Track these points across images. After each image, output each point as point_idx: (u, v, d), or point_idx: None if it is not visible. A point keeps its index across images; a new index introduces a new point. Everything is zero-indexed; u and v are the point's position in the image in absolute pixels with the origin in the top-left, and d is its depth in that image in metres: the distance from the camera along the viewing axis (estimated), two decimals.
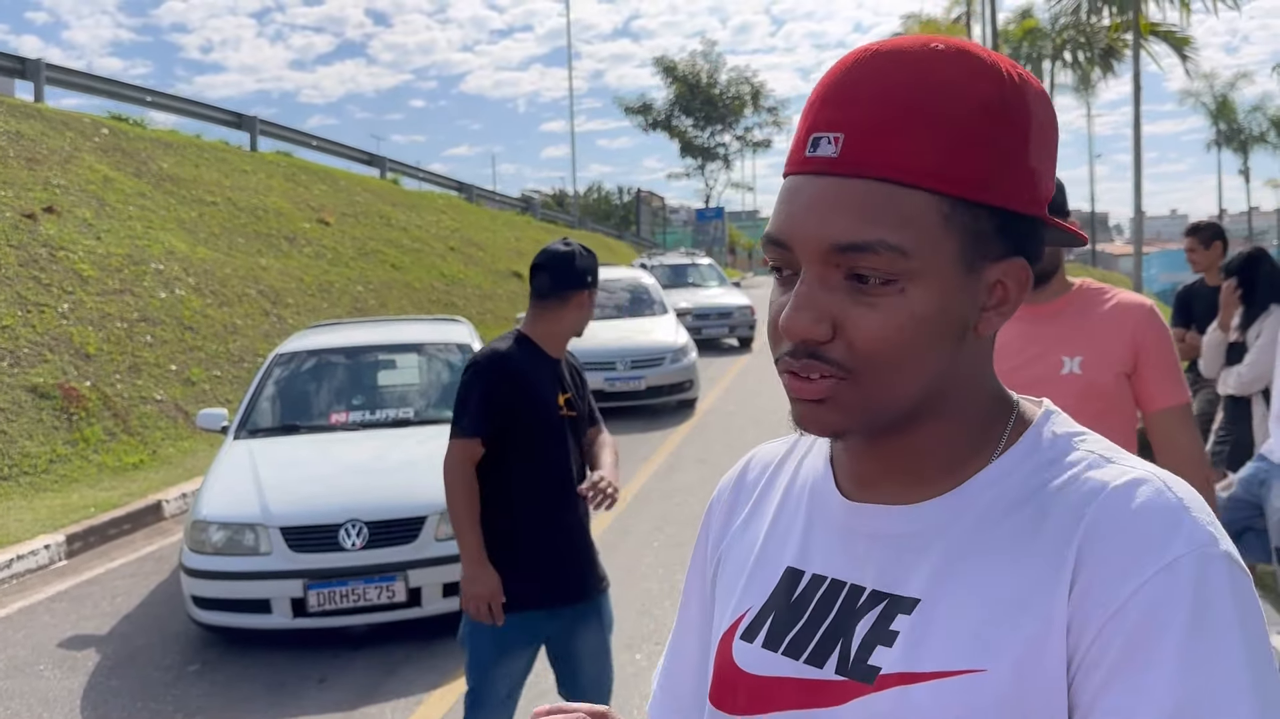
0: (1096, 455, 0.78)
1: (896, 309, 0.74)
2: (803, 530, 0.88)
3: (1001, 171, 0.75)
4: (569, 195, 49.85)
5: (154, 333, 10.58)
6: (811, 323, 0.74)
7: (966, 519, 0.78)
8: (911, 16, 38.27)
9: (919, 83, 0.74)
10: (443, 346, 6.67)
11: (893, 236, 0.72)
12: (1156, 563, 0.70)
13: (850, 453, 0.85)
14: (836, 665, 0.79)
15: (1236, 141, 49.81)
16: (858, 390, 0.76)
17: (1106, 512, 0.73)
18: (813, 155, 0.75)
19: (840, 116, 0.75)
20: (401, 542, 4.87)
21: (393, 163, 25.38)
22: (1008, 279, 0.78)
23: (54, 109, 14.29)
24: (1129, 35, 12.96)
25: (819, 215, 0.74)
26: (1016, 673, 0.72)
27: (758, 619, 0.86)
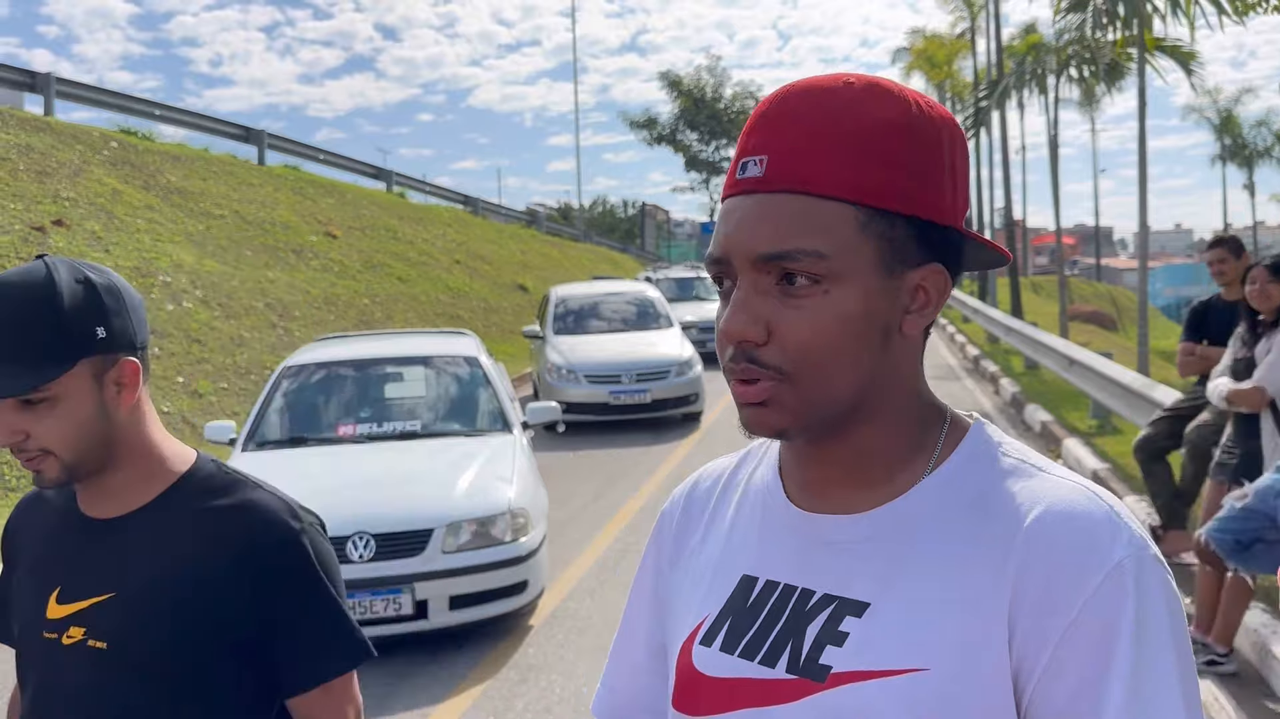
0: (1030, 465, 0.84)
1: (821, 309, 0.81)
2: (757, 539, 0.92)
3: (913, 185, 0.82)
4: (574, 209, 49.97)
5: (161, 345, 10.62)
6: (747, 324, 0.81)
7: (910, 525, 0.83)
8: (916, 31, 38.42)
9: (833, 110, 0.82)
10: (450, 359, 6.69)
11: (810, 243, 0.80)
12: (1102, 568, 0.76)
13: (797, 461, 0.91)
14: (788, 665, 0.84)
15: (1241, 156, 49.79)
16: (795, 390, 0.82)
17: (1046, 520, 0.78)
18: (742, 177, 0.84)
19: (765, 141, 0.83)
20: (408, 554, 4.88)
21: (399, 176, 25.48)
22: (927, 284, 0.85)
23: (63, 122, 14.39)
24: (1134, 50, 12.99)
25: (749, 228, 0.82)
26: (957, 672, 0.77)
27: (715, 624, 0.91)
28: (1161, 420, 5.86)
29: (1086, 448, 8.62)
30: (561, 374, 11.28)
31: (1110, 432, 9.51)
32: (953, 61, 37.75)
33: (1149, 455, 5.77)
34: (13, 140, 12.35)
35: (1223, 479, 4.73)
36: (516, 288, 22.75)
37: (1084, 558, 0.76)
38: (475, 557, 4.96)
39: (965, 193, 0.87)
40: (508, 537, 5.07)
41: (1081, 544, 0.76)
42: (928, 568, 0.81)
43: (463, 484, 5.27)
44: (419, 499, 5.14)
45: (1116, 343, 25.10)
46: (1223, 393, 4.61)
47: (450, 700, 4.41)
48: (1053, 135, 20.21)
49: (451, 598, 4.89)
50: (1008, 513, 0.80)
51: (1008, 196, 25.70)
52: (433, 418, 6.31)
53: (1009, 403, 11.97)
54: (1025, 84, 19.62)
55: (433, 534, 4.93)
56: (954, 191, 0.85)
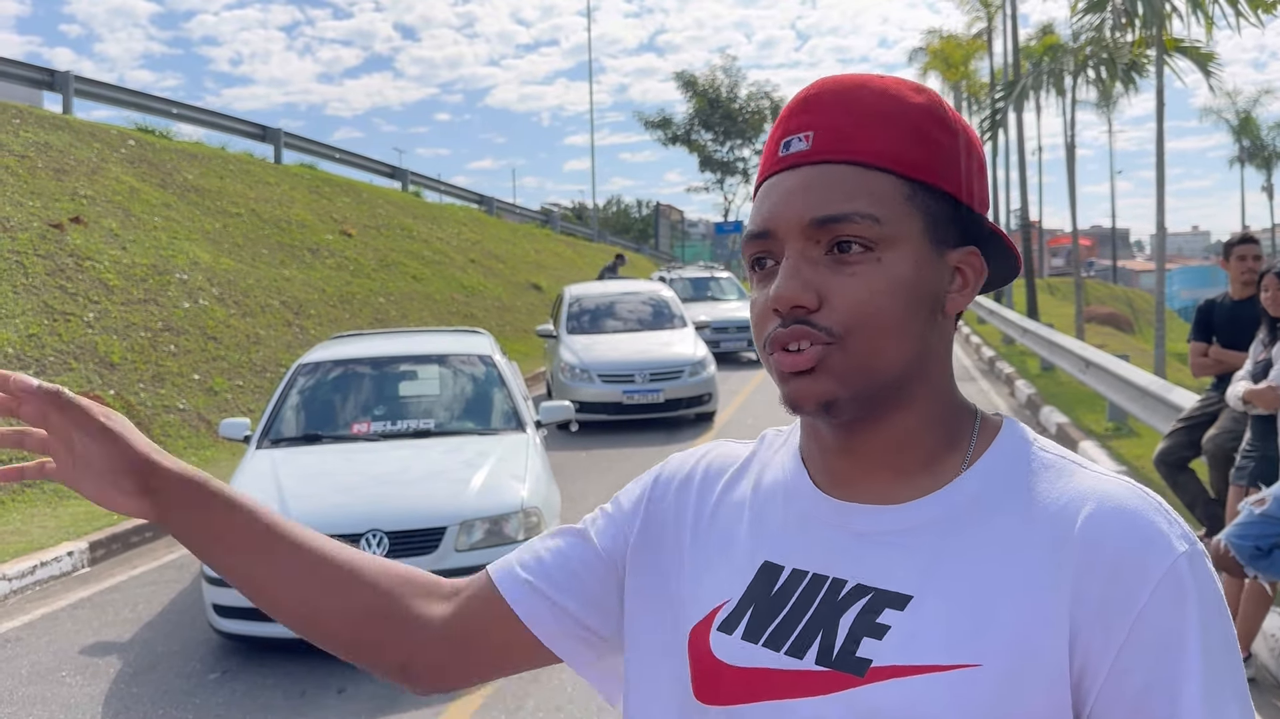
0: (1069, 461, 0.83)
1: (875, 275, 0.81)
2: (779, 527, 0.90)
3: (947, 166, 0.85)
4: (588, 208, 50.01)
5: (177, 342, 10.67)
6: (800, 290, 0.81)
7: (953, 517, 0.82)
8: (933, 31, 38.30)
9: (871, 94, 0.85)
10: (464, 358, 6.70)
11: (865, 206, 0.81)
12: (1161, 565, 0.75)
13: (826, 449, 0.88)
14: (818, 657, 0.81)
15: (1260, 158, 49.46)
16: (846, 356, 0.81)
17: (1100, 518, 0.77)
18: (786, 154, 0.85)
19: (809, 120, 0.85)
20: (422, 552, 4.88)
21: (415, 175, 25.55)
22: (966, 265, 0.86)
23: (82, 120, 14.48)
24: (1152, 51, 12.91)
25: (799, 198, 0.82)
26: (1012, 669, 0.75)
27: (736, 611, 0.88)
28: (1178, 431, 5.81)
29: (1103, 450, 8.56)
30: (575, 373, 11.28)
31: (1127, 434, 9.45)
32: (969, 62, 37.63)
33: (1171, 467, 5.73)
34: (31, 138, 12.43)
35: (1243, 482, 4.69)
36: (530, 287, 22.78)
37: (1143, 555, 0.75)
38: (488, 555, 4.96)
39: (986, 193, 0.89)
40: (521, 535, 5.07)
41: (1140, 541, 0.76)
42: (974, 562, 0.79)
43: (476, 483, 5.28)
44: (432, 497, 5.14)
45: (1133, 345, 24.95)
46: (1240, 394, 4.58)
47: (462, 699, 4.42)
48: (1069, 137, 20.12)
49: None
50: (1057, 509, 0.79)
51: (1024, 198, 25.60)
52: (446, 416, 6.32)
53: (1024, 405, 11.91)
54: (1042, 85, 19.53)
55: (446, 532, 4.94)
56: (985, 185, 0.88)
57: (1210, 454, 5.38)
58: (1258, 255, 5.45)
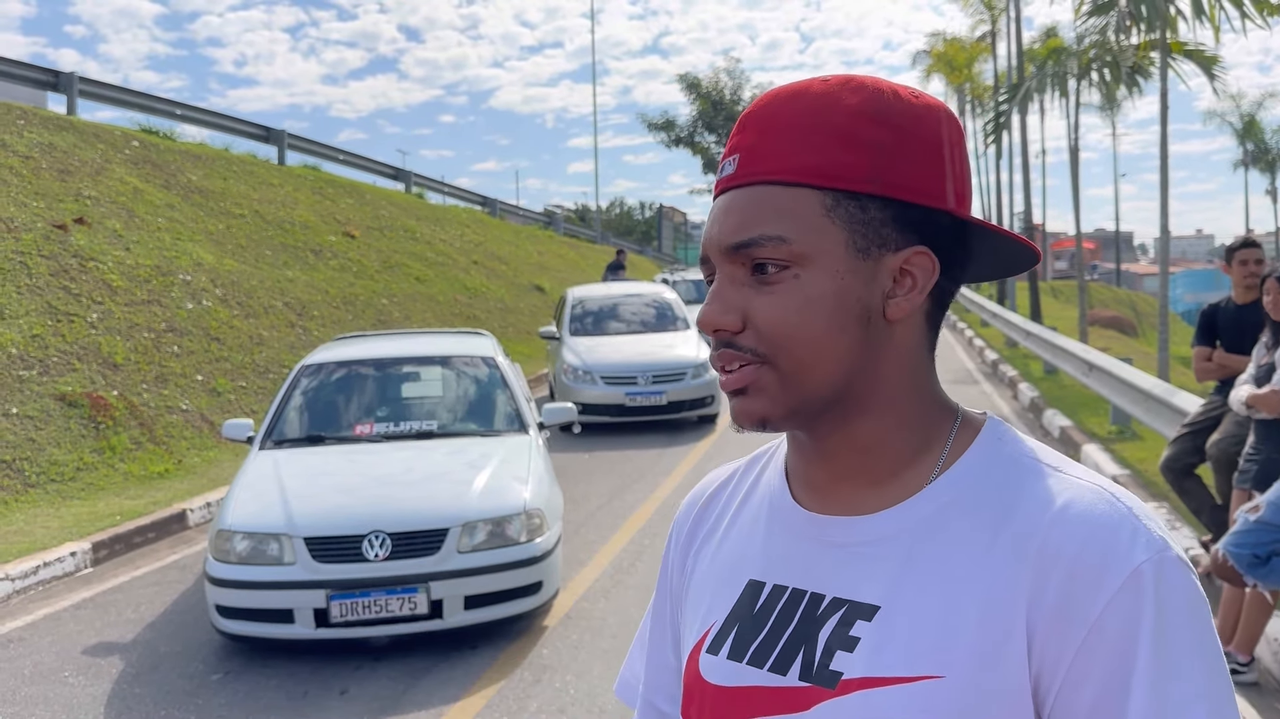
0: (1046, 465, 0.82)
1: (792, 292, 0.81)
2: (763, 543, 0.90)
3: (881, 166, 0.81)
4: (591, 210, 50.02)
5: (181, 343, 10.68)
6: (720, 313, 0.82)
7: (922, 527, 0.81)
8: (936, 34, 38.29)
9: (798, 104, 0.84)
10: (467, 359, 6.70)
11: (771, 228, 0.81)
12: (1120, 573, 0.74)
13: (802, 460, 0.89)
14: (800, 672, 0.82)
15: (1264, 161, 49.37)
16: (776, 374, 0.82)
17: (1061, 524, 0.76)
18: (720, 177, 0.86)
19: (737, 142, 0.86)
20: (424, 553, 4.89)
21: (418, 177, 25.56)
22: (912, 266, 0.83)
23: (86, 121, 14.50)
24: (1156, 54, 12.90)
25: (719, 222, 0.84)
26: (973, 680, 0.75)
27: (722, 632, 0.89)
28: (1182, 438, 5.80)
29: (1106, 453, 8.55)
30: (578, 375, 11.28)
31: (1130, 437, 9.44)
32: (972, 65, 37.61)
33: (1177, 474, 5.72)
34: (35, 139, 12.45)
35: (1247, 485, 4.68)
36: (533, 289, 22.78)
37: (1101, 563, 0.74)
38: (490, 557, 4.97)
39: (962, 177, 0.85)
40: (523, 537, 5.07)
41: (1098, 549, 0.74)
42: (939, 571, 0.79)
43: (478, 484, 5.28)
44: (435, 499, 5.15)
45: (1136, 348, 24.90)
46: (1243, 398, 4.57)
47: (464, 700, 4.42)
48: (1073, 140, 20.10)
49: (466, 598, 4.90)
50: (1021, 516, 0.78)
51: (1027, 200, 25.59)
52: (449, 418, 6.33)
53: (1028, 408, 11.89)
54: (1046, 88, 19.51)
55: (448, 534, 4.94)
56: (941, 174, 0.83)
57: (1214, 459, 5.37)
58: (1259, 259, 5.44)
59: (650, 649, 1.06)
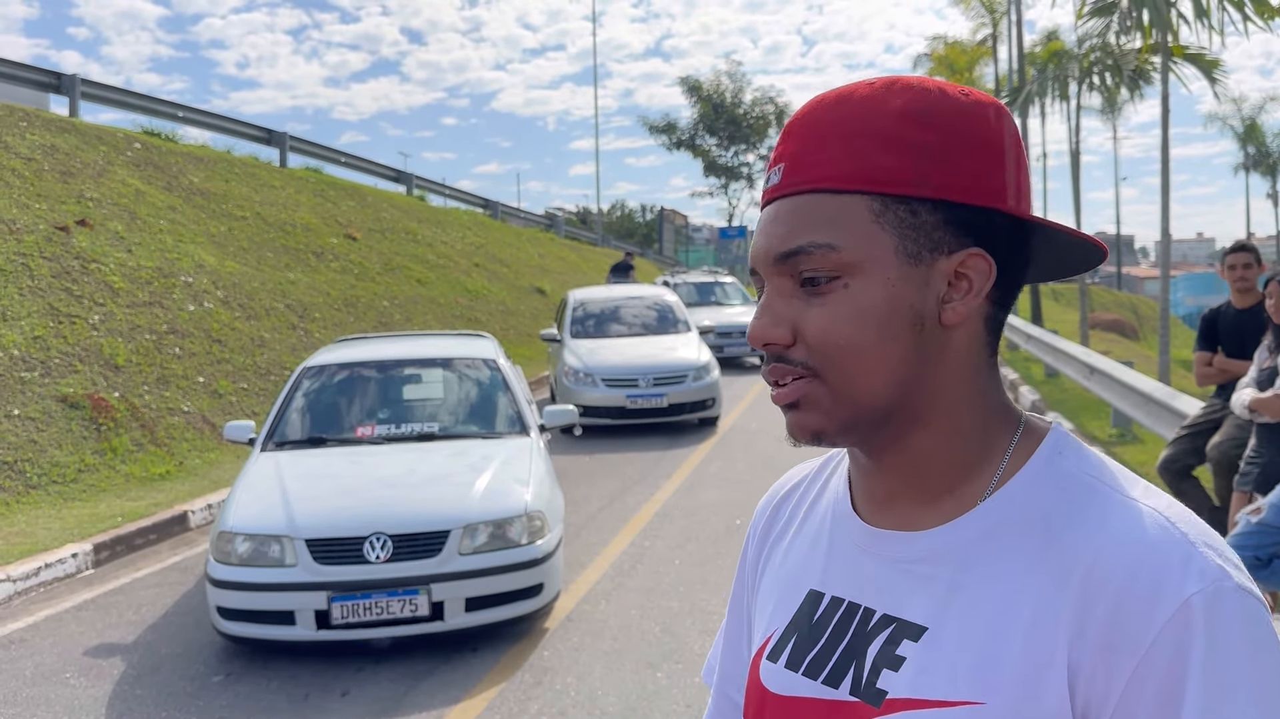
0: (1104, 484, 0.79)
1: (842, 302, 0.79)
2: (825, 553, 0.91)
3: (929, 168, 0.79)
4: (593, 213, 50.04)
5: (182, 345, 10.69)
6: (770, 326, 0.81)
7: (971, 546, 0.80)
8: (937, 38, 38.30)
9: (842, 110, 0.82)
10: (468, 362, 6.71)
11: (819, 236, 0.79)
12: (1170, 605, 0.70)
13: (860, 472, 0.88)
14: (850, 686, 0.82)
15: (1265, 165, 49.38)
16: (826, 387, 0.80)
17: (1111, 551, 0.73)
18: (766, 188, 0.85)
19: (782, 150, 0.85)
20: (425, 555, 4.89)
21: (419, 179, 25.58)
22: (968, 269, 0.81)
23: (88, 123, 14.52)
24: (1157, 58, 12.90)
25: (766, 233, 0.83)
26: (1015, 707, 0.73)
27: (782, 640, 0.89)
28: (1181, 439, 5.80)
29: (1107, 457, 8.54)
30: (579, 377, 11.29)
31: (1131, 441, 9.44)
32: (974, 68, 37.60)
33: (1175, 475, 5.72)
34: (38, 141, 12.47)
35: (1247, 488, 4.68)
36: (534, 291, 22.80)
37: (1150, 593, 0.70)
38: (491, 559, 4.97)
39: (1022, 174, 0.82)
40: (524, 539, 5.08)
41: (1148, 578, 0.71)
42: (986, 594, 0.77)
43: (480, 486, 5.28)
44: (436, 501, 5.15)
45: (1137, 351, 24.89)
46: (1245, 402, 4.57)
47: (465, 703, 4.42)
48: (1074, 143, 20.11)
49: (468, 600, 4.90)
50: (1072, 540, 0.75)
51: None
52: (450, 420, 6.33)
53: (1029, 411, 11.88)
54: (1047, 91, 19.52)
55: (449, 536, 4.94)
56: (998, 171, 0.81)
57: (1214, 461, 5.37)
58: (1248, 264, 5.44)
59: (726, 640, 1.08)
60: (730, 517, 7.35)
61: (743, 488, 8.18)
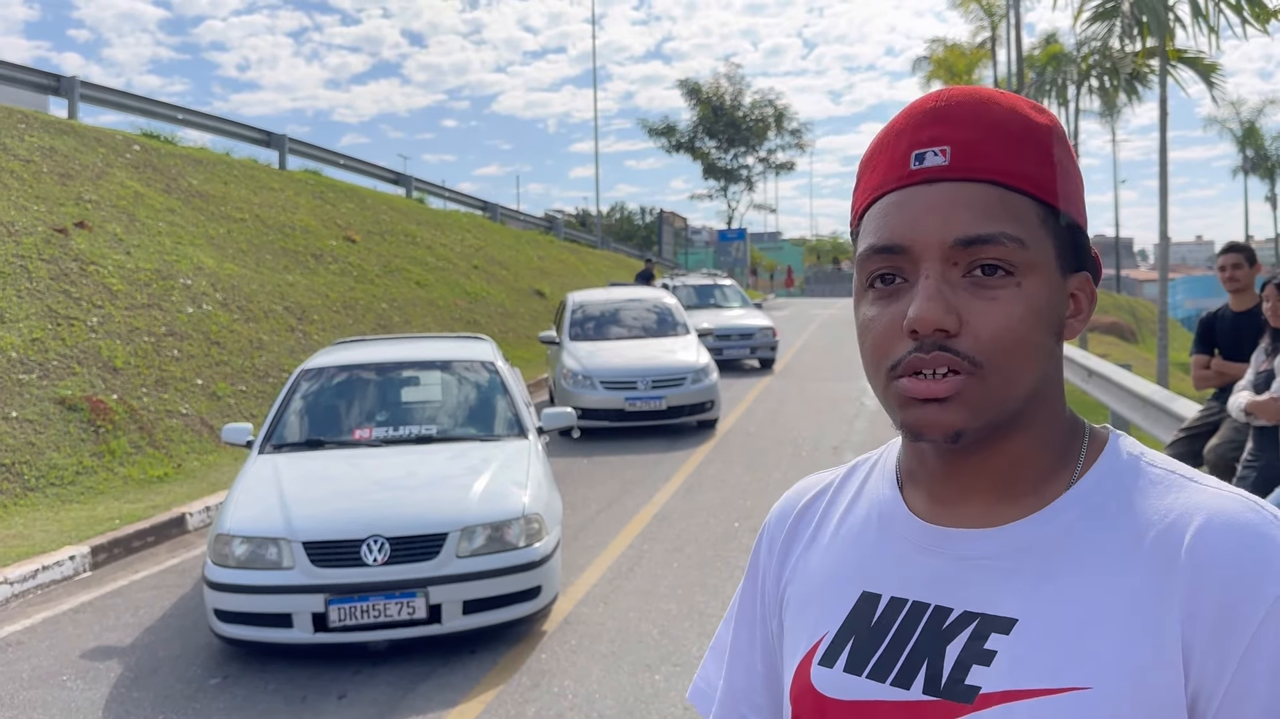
0: (1179, 476, 0.81)
1: (1015, 300, 0.79)
2: (876, 554, 0.89)
3: (1070, 191, 0.83)
4: (592, 215, 50.06)
5: (181, 347, 10.69)
6: (944, 313, 0.78)
7: (1056, 539, 0.80)
8: (936, 41, 38.36)
9: (1003, 111, 0.83)
10: (467, 364, 6.71)
11: (1012, 229, 0.79)
12: (1277, 583, 0.72)
13: (933, 473, 0.87)
14: (925, 686, 0.80)
15: (1264, 168, 49.42)
16: (984, 385, 0.79)
17: (1211, 534, 0.75)
18: (920, 167, 0.81)
19: (943, 133, 0.82)
20: (423, 558, 4.89)
21: (419, 182, 25.58)
22: (1081, 292, 0.85)
23: (87, 125, 14.52)
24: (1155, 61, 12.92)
25: (940, 215, 0.79)
26: (1123, 690, 0.73)
27: (835, 643, 0.87)
28: (1179, 442, 5.80)
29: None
30: (577, 380, 11.29)
31: None
32: (973, 71, 37.65)
33: None
34: (37, 143, 12.47)
35: None
36: (534, 293, 22.80)
37: (1258, 572, 0.72)
38: (489, 561, 4.97)
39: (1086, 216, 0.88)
40: (522, 542, 5.08)
41: (1253, 557, 0.73)
42: (1079, 582, 0.77)
43: (478, 489, 5.28)
44: (434, 503, 5.15)
45: (1136, 354, 24.90)
46: (1242, 405, 4.57)
47: (463, 705, 4.41)
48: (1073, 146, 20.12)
49: (465, 602, 4.90)
50: (1165, 526, 0.77)
51: None
52: (449, 422, 6.33)
53: None
54: (1046, 94, 19.54)
55: (447, 538, 4.94)
56: (1084, 203, 0.87)
57: (1212, 464, 5.37)
58: (1238, 264, 5.45)
59: (734, 656, 1.03)
60: (729, 520, 7.35)
61: (741, 491, 8.18)
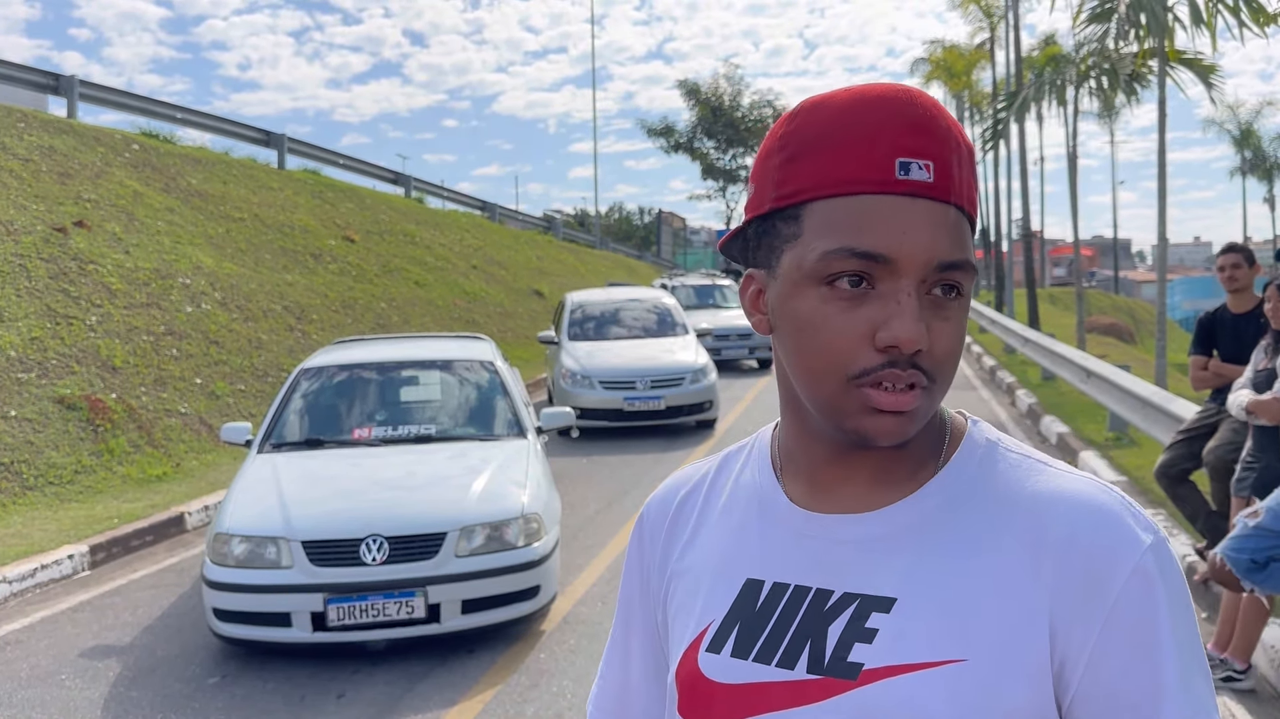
0: (1034, 460, 0.87)
1: (959, 321, 0.83)
2: (757, 541, 0.91)
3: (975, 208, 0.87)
4: (591, 215, 50.06)
5: (180, 346, 10.68)
6: (924, 334, 0.80)
7: (930, 519, 0.84)
8: (935, 42, 38.34)
9: (958, 132, 0.84)
10: (466, 364, 6.71)
11: (970, 255, 0.83)
12: (1133, 555, 0.79)
13: (816, 461, 0.89)
14: (809, 666, 0.83)
15: (1262, 170, 49.46)
16: (931, 398, 0.83)
17: (1074, 515, 0.81)
18: (906, 178, 0.80)
19: (926, 146, 0.81)
20: (422, 557, 4.89)
21: (418, 182, 25.58)
22: None
23: (86, 124, 14.51)
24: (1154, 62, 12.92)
25: (928, 234, 0.80)
26: (996, 661, 0.78)
27: (721, 630, 0.89)
28: (1178, 443, 5.80)
29: (1103, 460, 8.56)
30: (576, 379, 11.29)
31: (1128, 444, 9.45)
32: (971, 72, 37.66)
33: (1172, 480, 5.71)
34: (36, 142, 12.46)
35: (1245, 493, 4.68)
36: (532, 293, 22.80)
37: (1114, 550, 0.79)
38: (488, 561, 4.97)
39: None
40: (520, 541, 5.08)
41: (1111, 537, 0.79)
42: (953, 560, 0.82)
43: (476, 488, 5.28)
44: (433, 503, 5.15)
45: (1134, 355, 24.92)
46: (1243, 404, 4.57)
47: (461, 704, 4.42)
48: (1071, 147, 20.15)
49: (464, 602, 4.90)
50: (1030, 507, 0.82)
51: (1025, 208, 25.60)
52: (448, 422, 6.33)
53: (1025, 414, 11.90)
54: (1044, 96, 19.55)
55: (446, 538, 4.94)
56: None
57: (1211, 466, 5.37)
58: (1237, 264, 5.46)
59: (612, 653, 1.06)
60: None
61: None
